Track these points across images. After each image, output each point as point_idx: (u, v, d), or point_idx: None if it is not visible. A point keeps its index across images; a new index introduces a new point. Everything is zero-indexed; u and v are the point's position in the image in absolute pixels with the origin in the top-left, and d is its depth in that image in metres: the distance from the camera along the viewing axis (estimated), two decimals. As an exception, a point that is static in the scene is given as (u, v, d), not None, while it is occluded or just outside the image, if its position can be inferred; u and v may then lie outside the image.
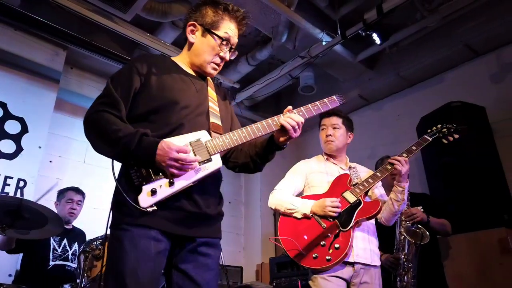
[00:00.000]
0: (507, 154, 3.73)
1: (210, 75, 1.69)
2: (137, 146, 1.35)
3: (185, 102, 1.54)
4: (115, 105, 1.45)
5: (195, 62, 1.65)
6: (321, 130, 2.47)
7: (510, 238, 3.01)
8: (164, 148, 1.36)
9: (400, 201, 2.15)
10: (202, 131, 1.50)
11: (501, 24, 3.97)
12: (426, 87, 4.74)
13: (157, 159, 1.36)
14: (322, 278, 2.04)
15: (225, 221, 5.31)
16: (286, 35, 4.37)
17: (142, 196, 1.36)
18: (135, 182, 1.37)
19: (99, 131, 1.41)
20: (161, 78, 1.55)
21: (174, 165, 1.36)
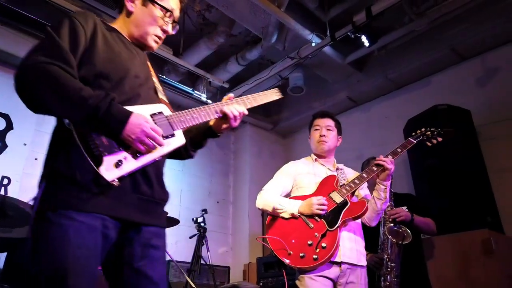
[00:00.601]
0: (491, 157, 3.81)
1: (151, 48, 1.56)
2: (106, 111, 1.18)
3: (135, 72, 1.41)
4: (67, 60, 1.24)
5: (133, 33, 1.51)
6: (313, 130, 2.48)
7: (493, 239, 3.06)
8: (138, 120, 1.23)
9: (383, 199, 2.18)
10: (160, 104, 1.39)
11: (487, 30, 4.06)
12: (413, 89, 4.81)
13: (127, 131, 1.21)
14: (308, 277, 2.05)
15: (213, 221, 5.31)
16: (276, 36, 4.39)
17: (105, 167, 1.17)
18: (95, 152, 1.18)
19: (55, 86, 1.18)
20: (107, 41, 1.39)
21: (144, 141, 1.23)
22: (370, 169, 2.20)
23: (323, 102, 5.51)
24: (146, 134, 1.23)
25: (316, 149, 2.44)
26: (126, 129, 1.21)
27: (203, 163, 5.77)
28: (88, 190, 1.18)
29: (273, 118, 6.31)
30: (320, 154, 2.45)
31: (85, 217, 1.17)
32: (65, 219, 1.16)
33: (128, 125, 1.21)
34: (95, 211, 1.19)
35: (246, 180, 5.81)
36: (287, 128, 6.25)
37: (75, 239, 1.15)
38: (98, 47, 1.34)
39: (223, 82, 5.08)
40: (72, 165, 1.18)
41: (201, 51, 4.71)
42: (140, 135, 1.22)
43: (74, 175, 1.17)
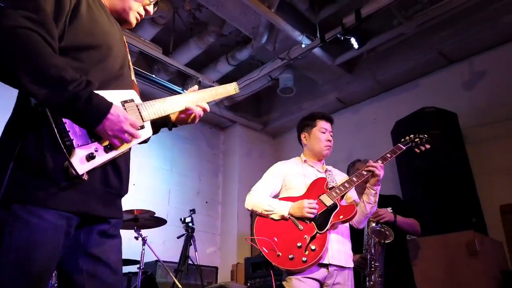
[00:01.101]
0: (476, 160, 3.87)
1: (130, 24, 1.50)
2: (86, 101, 1.09)
3: (116, 50, 1.34)
4: (50, 29, 1.13)
5: (116, 5, 1.44)
6: (320, 132, 2.43)
7: (477, 241, 3.11)
8: (118, 115, 1.16)
9: (372, 203, 2.21)
10: (131, 90, 1.33)
11: (474, 34, 4.12)
12: (401, 92, 4.87)
13: (105, 125, 1.14)
14: (296, 279, 2.06)
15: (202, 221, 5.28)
16: (266, 36, 4.39)
17: (76, 159, 1.09)
18: (66, 141, 1.09)
19: (35, 60, 1.06)
20: (91, 9, 1.29)
21: (121, 137, 1.18)
22: (360, 173, 2.22)
23: (313, 103, 5.54)
24: (125, 130, 1.18)
25: (321, 152, 2.41)
26: (105, 124, 1.14)
27: (192, 163, 5.75)
28: (57, 183, 1.11)
29: (263, 119, 6.32)
30: (320, 157, 2.45)
31: (52, 216, 1.11)
32: (33, 217, 1.09)
33: (106, 120, 1.14)
34: (63, 208, 1.13)
35: (235, 180, 5.80)
36: (277, 128, 6.26)
37: (42, 240, 1.10)
38: (81, 15, 1.24)
39: (213, 82, 5.06)
40: (44, 151, 1.09)
41: (191, 50, 4.69)
42: (118, 131, 1.17)
43: (44, 163, 1.09)
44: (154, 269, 4.09)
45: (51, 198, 1.10)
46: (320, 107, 5.42)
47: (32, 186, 1.09)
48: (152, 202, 4.92)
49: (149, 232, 3.88)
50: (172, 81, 5.02)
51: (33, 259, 1.08)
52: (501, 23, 3.96)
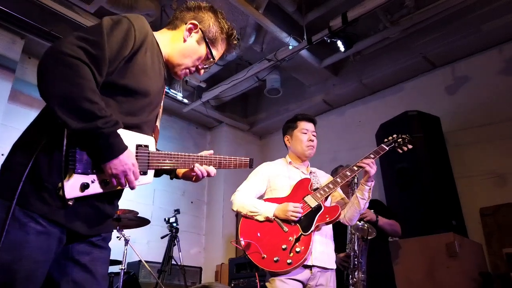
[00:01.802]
0: (458, 163, 3.95)
1: (177, 77, 1.59)
2: (106, 138, 1.19)
3: (153, 99, 1.44)
4: (100, 64, 1.21)
5: (174, 58, 1.53)
6: (301, 133, 2.46)
7: (457, 243, 3.18)
8: (127, 159, 1.25)
9: (366, 199, 2.23)
10: (150, 137, 1.41)
11: (457, 40, 4.21)
12: (386, 95, 4.93)
13: (112, 164, 1.22)
14: (279, 280, 2.06)
15: (187, 221, 5.26)
16: (254, 37, 4.40)
17: (70, 183, 1.18)
18: (70, 164, 1.18)
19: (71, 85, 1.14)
20: (146, 57, 1.38)
21: (120, 179, 1.26)
22: (344, 174, 2.24)
23: (300, 105, 5.57)
24: (126, 175, 1.25)
25: (303, 152, 2.43)
26: (113, 162, 1.22)
27: (177, 163, 5.70)
28: (56, 198, 1.19)
29: (250, 119, 6.32)
30: (304, 158, 2.46)
31: (47, 223, 1.19)
32: (30, 220, 1.16)
33: (116, 159, 1.22)
34: (58, 221, 1.21)
35: (221, 180, 5.79)
36: (263, 129, 6.27)
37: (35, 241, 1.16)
38: (136, 61, 1.34)
39: (200, 82, 5.05)
40: (52, 169, 1.19)
41: (178, 49, 4.66)
42: (120, 173, 1.24)
43: (49, 179, 1.18)
44: (137, 270, 4.06)
45: (49, 209, 1.18)
46: (307, 108, 5.45)
47: (35, 196, 1.17)
48: (136, 202, 4.87)
49: (133, 232, 3.84)
50: (158, 80, 4.98)
51: (25, 258, 1.14)
52: (483, 29, 4.05)
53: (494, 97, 4.06)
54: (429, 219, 3.48)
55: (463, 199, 3.80)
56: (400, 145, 2.40)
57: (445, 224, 3.43)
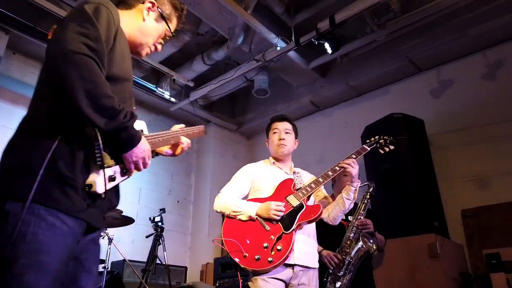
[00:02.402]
0: (441, 165, 4.02)
1: (139, 56, 1.61)
2: (129, 130, 1.25)
3: (131, 82, 1.48)
4: (102, 57, 1.24)
5: (137, 39, 1.53)
6: (272, 133, 2.48)
7: (438, 244, 3.23)
8: (144, 146, 1.32)
9: (351, 199, 2.25)
10: (142, 121, 1.46)
11: (442, 44, 4.28)
12: (372, 97, 4.99)
13: (133, 153, 1.29)
14: (261, 279, 2.07)
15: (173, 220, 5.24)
16: (242, 37, 4.41)
17: (100, 178, 1.22)
18: (98, 161, 1.21)
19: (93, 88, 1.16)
20: (121, 44, 1.39)
21: (139, 165, 1.33)
22: (326, 174, 2.26)
23: (287, 106, 5.60)
24: (144, 160, 1.33)
25: (276, 152, 2.46)
26: (133, 151, 1.29)
27: (164, 162, 5.67)
28: (82, 197, 1.21)
29: (237, 119, 6.33)
30: (279, 157, 2.48)
31: (73, 222, 1.20)
32: (56, 220, 1.16)
33: (136, 148, 1.29)
34: (82, 217, 1.22)
35: (208, 180, 5.78)
36: (251, 129, 6.28)
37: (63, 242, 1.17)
38: (116, 48, 1.35)
39: (187, 81, 5.03)
40: (75, 166, 1.20)
41: (166, 48, 4.64)
42: (140, 160, 1.32)
43: (73, 177, 1.19)
44: (122, 269, 4.03)
45: (74, 207, 1.19)
46: (294, 109, 5.49)
47: (59, 194, 1.17)
48: (121, 200, 4.81)
49: (117, 231, 3.81)
50: (145, 78, 4.96)
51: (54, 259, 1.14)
52: (468, 34, 4.13)
53: (477, 101, 4.14)
54: (412, 220, 3.53)
55: (445, 201, 3.87)
56: (382, 146, 2.43)
57: (427, 225, 3.48)
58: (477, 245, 3.75)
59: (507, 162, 3.80)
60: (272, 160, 2.51)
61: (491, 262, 3.30)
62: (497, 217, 3.70)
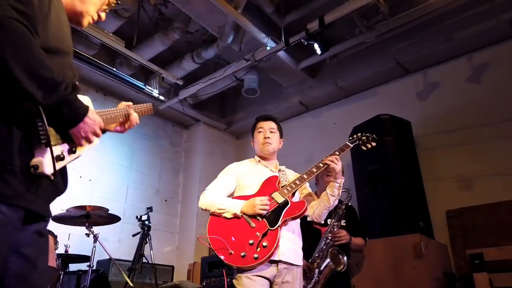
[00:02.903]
0: (426, 166, 4.07)
1: (80, 26, 1.49)
2: (72, 103, 1.14)
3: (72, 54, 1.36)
4: (35, 24, 1.12)
5: (76, 7, 1.41)
6: (258, 132, 2.51)
7: (423, 243, 3.27)
8: (93, 118, 1.22)
9: (336, 196, 2.27)
10: (86, 97, 1.32)
11: (429, 47, 4.34)
12: (360, 98, 5.04)
13: (80, 127, 1.18)
14: (246, 277, 2.07)
15: (160, 219, 5.21)
16: (232, 37, 4.41)
17: (48, 159, 1.10)
18: (42, 140, 1.10)
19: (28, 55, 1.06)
20: (57, 13, 1.27)
21: (90, 139, 1.23)
22: (310, 170, 2.28)
23: (277, 106, 5.61)
24: (96, 133, 1.24)
25: (261, 150, 2.48)
26: (80, 126, 1.18)
27: (152, 161, 5.65)
28: (21, 181, 1.09)
29: (227, 119, 6.32)
30: (264, 156, 2.49)
31: (11, 213, 1.09)
32: None
33: (82, 122, 1.18)
34: (20, 204, 1.11)
35: (196, 179, 5.76)
36: (240, 129, 6.28)
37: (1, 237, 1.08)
38: (52, 17, 1.23)
39: (177, 79, 5.01)
40: (12, 147, 1.07)
41: (156, 46, 4.62)
42: (90, 134, 1.21)
43: (10, 160, 1.07)
44: (107, 268, 3.99)
45: (10, 192, 1.08)
46: (284, 109, 5.51)
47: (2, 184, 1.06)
48: (108, 199, 4.81)
49: (104, 229, 3.78)
50: (134, 76, 4.92)
51: None
52: (454, 38, 4.19)
53: (462, 103, 4.20)
54: (397, 220, 3.57)
55: (431, 202, 3.92)
56: (364, 143, 2.47)
57: (413, 225, 3.52)
58: (461, 245, 3.80)
59: (490, 164, 3.87)
60: (257, 158, 2.53)
61: (474, 262, 3.35)
62: (480, 218, 3.76)
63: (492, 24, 3.97)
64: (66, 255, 3.39)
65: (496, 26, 3.97)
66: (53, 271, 2.97)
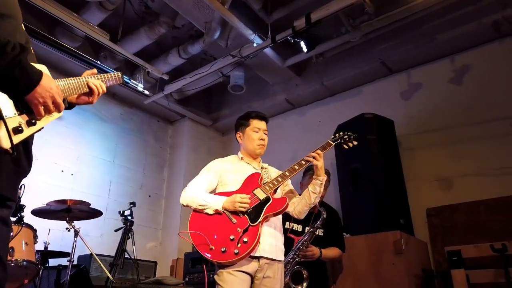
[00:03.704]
0: (408, 165, 4.14)
1: None
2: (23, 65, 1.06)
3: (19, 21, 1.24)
4: None
5: None
6: (253, 131, 2.47)
7: (403, 240, 3.33)
8: (49, 83, 1.12)
9: (317, 193, 2.29)
10: (42, 65, 1.22)
11: (413, 47, 4.41)
12: (345, 97, 5.09)
13: (36, 93, 1.09)
14: (227, 272, 2.09)
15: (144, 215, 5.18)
16: (219, 32, 4.39)
17: (3, 132, 1.02)
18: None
19: None
20: None
21: (49, 106, 1.13)
22: (293, 168, 2.30)
23: (263, 103, 5.62)
24: (54, 100, 1.14)
25: (254, 151, 2.46)
26: (37, 91, 1.09)
27: (137, 156, 5.60)
28: None
29: (213, 115, 6.31)
30: (254, 155, 2.49)
31: None
32: None
33: (39, 87, 1.09)
34: None
35: (181, 175, 5.74)
36: (226, 125, 6.27)
37: None
38: None
39: (162, 74, 4.97)
40: None
41: (141, 40, 4.58)
42: (48, 99, 1.12)
43: None
44: (89, 263, 3.95)
45: None
46: (269, 107, 5.52)
47: None
48: (91, 193, 4.75)
49: (86, 224, 3.74)
50: (119, 70, 4.85)
51: None
52: (438, 39, 4.27)
53: (444, 104, 4.28)
54: (379, 218, 3.62)
55: (412, 200, 3.99)
56: (346, 141, 2.49)
57: (394, 223, 3.57)
58: (440, 243, 3.89)
59: (469, 164, 3.95)
60: (240, 155, 2.53)
61: (452, 259, 3.44)
62: (459, 216, 3.85)
63: (474, 26, 4.05)
64: (46, 251, 3.35)
65: (479, 28, 4.05)
66: (32, 266, 2.92)
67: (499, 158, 3.81)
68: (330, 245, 2.99)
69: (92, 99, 1.47)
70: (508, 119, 3.86)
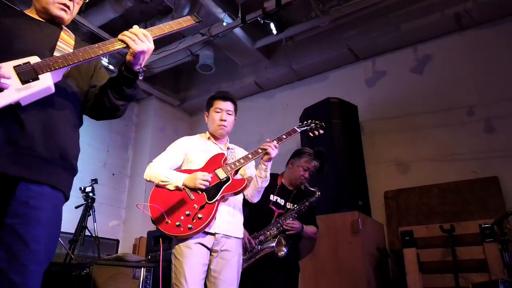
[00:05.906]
0: (369, 149, 4.29)
1: (60, 19, 1.51)
2: None
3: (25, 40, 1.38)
4: None
5: (37, 7, 1.49)
6: (214, 112, 2.48)
7: (360, 221, 3.48)
8: None
9: (263, 178, 2.34)
10: (33, 56, 1.31)
11: (378, 36, 4.52)
12: (313, 82, 5.16)
13: None
14: (184, 246, 2.13)
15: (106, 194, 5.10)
16: (188, 9, 4.32)
17: None
18: None
19: None
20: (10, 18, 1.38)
21: None
22: (256, 151, 2.34)
23: (232, 84, 5.61)
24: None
25: (215, 132, 2.49)
26: None
27: (100, 134, 5.47)
28: None
29: (181, 95, 6.23)
30: (216, 136, 2.51)
31: None
32: None
33: None
34: None
35: (146, 154, 5.67)
36: (194, 106, 6.23)
37: None
38: None
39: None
40: None
41: (106, 13, 4.42)
42: None
43: None
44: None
45: None
46: (238, 89, 5.52)
47: None
48: (50, 170, 4.61)
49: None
50: (83, 44, 4.69)
51: None
52: (402, 29, 4.39)
53: (404, 92, 4.44)
54: (339, 199, 3.75)
55: (370, 183, 4.14)
56: (312, 130, 2.56)
57: (353, 204, 3.72)
58: (395, 224, 4.09)
59: (424, 149, 4.15)
60: (207, 135, 2.54)
61: (405, 239, 3.63)
62: (414, 199, 4.06)
63: (437, 17, 4.20)
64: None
65: (441, 20, 4.20)
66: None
67: (453, 145, 4.02)
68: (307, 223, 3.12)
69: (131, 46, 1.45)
70: (463, 108, 4.07)
